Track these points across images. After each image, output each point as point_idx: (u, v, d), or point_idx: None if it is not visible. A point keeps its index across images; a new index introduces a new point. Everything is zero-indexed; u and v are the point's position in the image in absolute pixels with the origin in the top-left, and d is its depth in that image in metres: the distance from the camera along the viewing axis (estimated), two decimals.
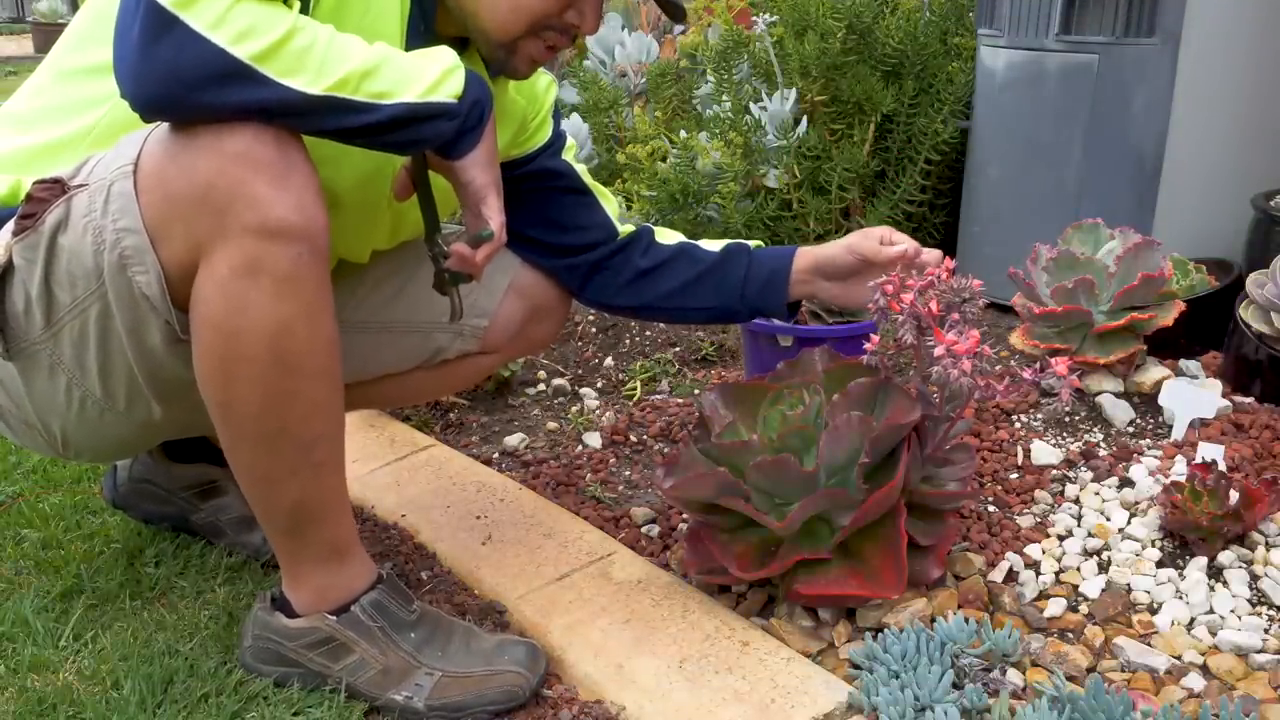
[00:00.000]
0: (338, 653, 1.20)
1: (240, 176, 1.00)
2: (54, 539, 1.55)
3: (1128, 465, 1.58)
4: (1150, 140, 2.13)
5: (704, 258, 1.48)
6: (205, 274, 1.03)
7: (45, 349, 1.13)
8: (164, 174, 1.02)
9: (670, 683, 1.20)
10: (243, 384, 1.06)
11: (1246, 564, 1.35)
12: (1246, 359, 1.80)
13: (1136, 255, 1.74)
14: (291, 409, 1.08)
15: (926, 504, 1.32)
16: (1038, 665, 1.21)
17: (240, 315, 1.03)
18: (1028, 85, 2.26)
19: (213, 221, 1.01)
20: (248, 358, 1.05)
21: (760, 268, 1.45)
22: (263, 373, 1.06)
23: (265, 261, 1.02)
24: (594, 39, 3.00)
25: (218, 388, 1.07)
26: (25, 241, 1.08)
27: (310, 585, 1.20)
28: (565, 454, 1.83)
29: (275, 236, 1.02)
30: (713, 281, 1.46)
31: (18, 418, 1.21)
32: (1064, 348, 1.78)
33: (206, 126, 1.00)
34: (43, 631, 1.33)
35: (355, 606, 1.20)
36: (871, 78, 2.46)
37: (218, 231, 1.01)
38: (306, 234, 1.04)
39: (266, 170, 1.01)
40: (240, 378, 1.06)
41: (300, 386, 1.08)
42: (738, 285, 1.45)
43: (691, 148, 2.50)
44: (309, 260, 1.04)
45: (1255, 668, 1.19)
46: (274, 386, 1.07)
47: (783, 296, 1.45)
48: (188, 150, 1.01)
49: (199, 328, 1.06)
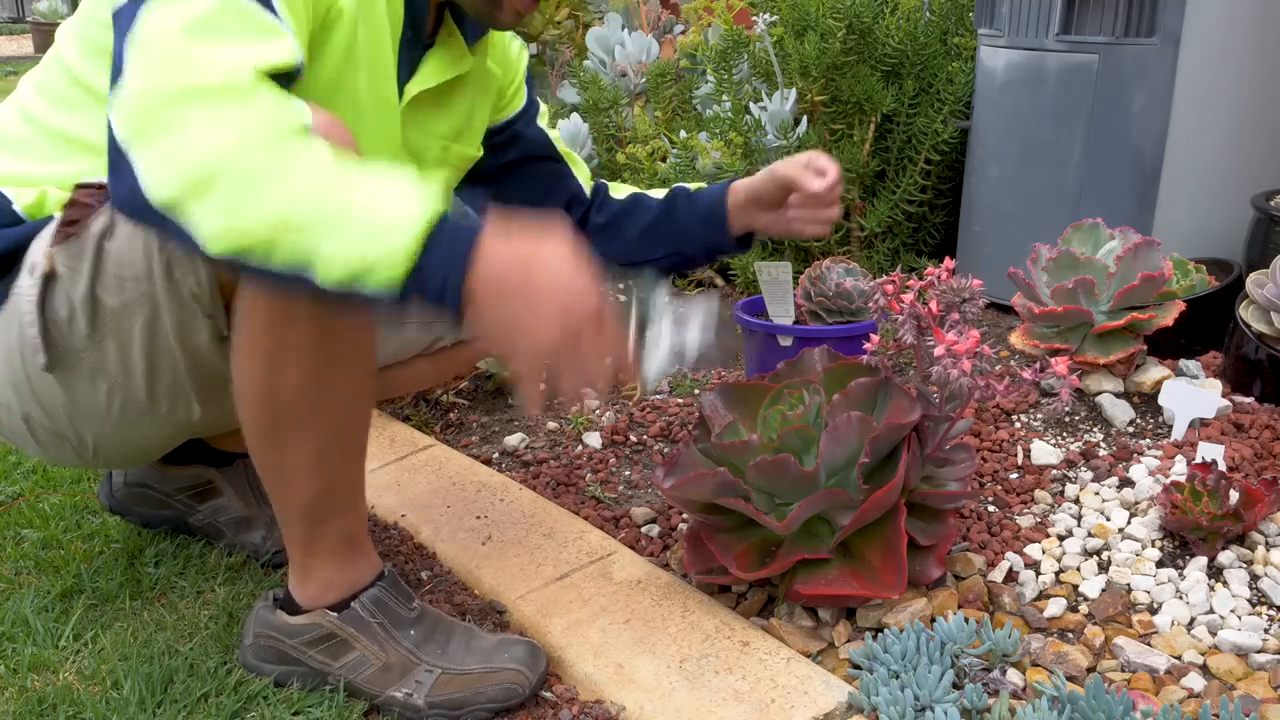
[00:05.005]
0: (338, 650, 1.20)
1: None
2: (54, 539, 1.55)
3: (1128, 465, 1.58)
4: (1150, 140, 2.13)
5: (651, 206, 1.51)
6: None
7: (88, 357, 1.13)
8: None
9: (670, 683, 1.20)
10: (290, 372, 1.07)
11: (1246, 564, 1.35)
12: (1246, 359, 1.80)
13: (1136, 255, 1.74)
14: (332, 398, 1.10)
15: (926, 504, 1.32)
16: (1038, 665, 1.21)
17: (294, 305, 1.04)
18: (1028, 85, 2.26)
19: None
20: (296, 346, 1.06)
21: (698, 208, 1.48)
22: (309, 362, 1.07)
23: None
24: (594, 39, 3.00)
25: (262, 376, 1.08)
26: (69, 249, 1.08)
27: (320, 578, 1.20)
28: (565, 454, 1.83)
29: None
30: (664, 229, 1.50)
31: (48, 430, 1.20)
32: (1064, 348, 1.78)
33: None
34: (43, 631, 1.33)
35: (355, 603, 1.20)
36: (871, 78, 2.46)
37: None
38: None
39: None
40: (288, 365, 1.07)
41: (342, 376, 1.10)
42: (683, 227, 1.49)
43: (691, 148, 2.50)
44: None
45: (1255, 668, 1.20)
46: (318, 376, 1.08)
47: (725, 231, 1.48)
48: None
49: (250, 318, 1.06)
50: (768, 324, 1.85)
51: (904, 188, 2.48)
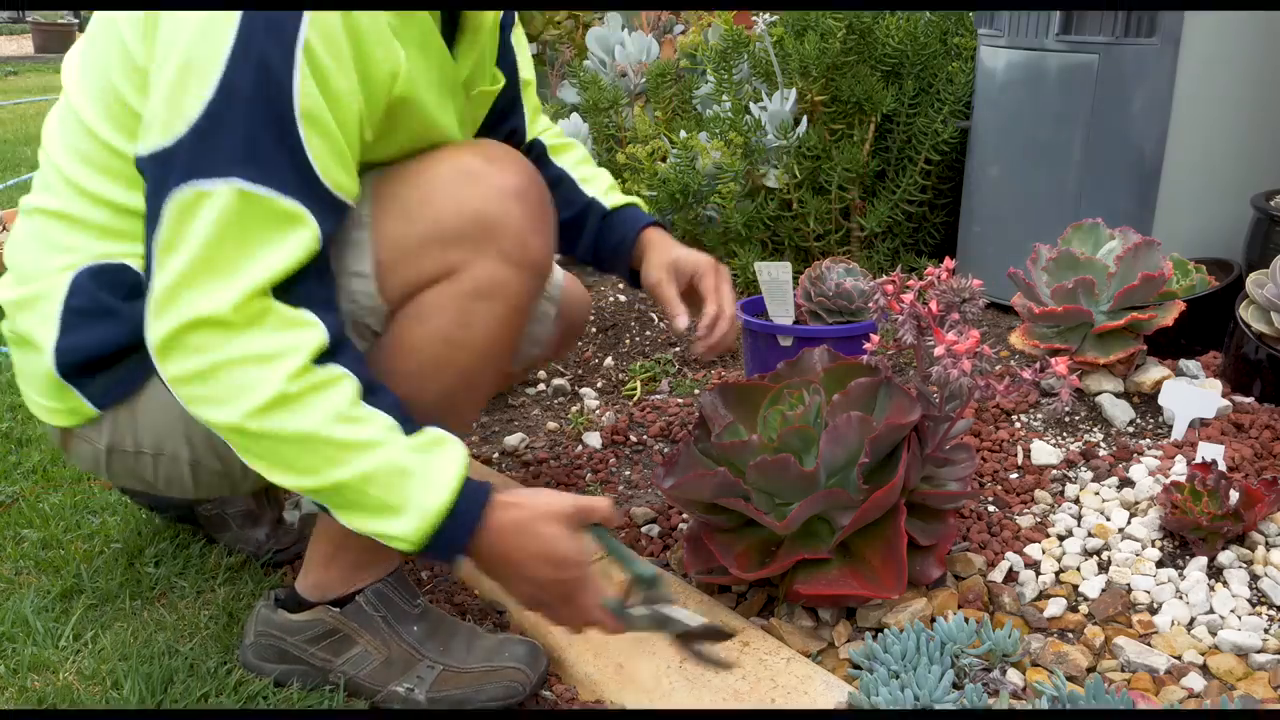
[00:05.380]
0: (340, 646, 1.21)
1: (510, 209, 1.10)
2: (54, 539, 1.55)
3: (1128, 465, 1.58)
4: (1150, 140, 2.13)
5: (573, 202, 1.47)
6: (445, 288, 1.10)
7: None
8: (427, 200, 1.09)
9: (670, 683, 1.20)
10: (430, 386, 1.10)
11: (1246, 564, 1.35)
12: (1246, 359, 1.80)
13: (1136, 255, 1.74)
14: (449, 414, 1.13)
15: (926, 504, 1.32)
16: (1038, 665, 1.21)
17: (464, 329, 1.11)
18: (1028, 85, 2.26)
19: (472, 245, 1.07)
20: (446, 365, 1.12)
21: (609, 236, 1.46)
22: (451, 381, 1.13)
23: (508, 287, 1.12)
24: (594, 39, 3.00)
25: (401, 382, 1.09)
26: None
27: (333, 573, 1.21)
28: (565, 454, 1.83)
29: (524, 268, 1.12)
30: (572, 232, 1.48)
31: (214, 471, 1.20)
32: (1064, 348, 1.78)
33: (480, 160, 1.11)
34: (43, 631, 1.33)
35: (360, 596, 1.20)
36: (871, 78, 2.46)
37: (474, 253, 1.08)
38: (543, 273, 1.16)
39: (533, 207, 1.12)
40: (430, 380, 1.11)
41: (466, 397, 1.18)
42: (590, 244, 1.47)
43: (691, 148, 2.50)
44: (533, 295, 1.16)
45: (1255, 667, 1.20)
46: (452, 396, 1.14)
47: (625, 269, 1.46)
48: (456, 180, 1.08)
49: (415, 328, 1.11)
50: (768, 324, 1.85)
51: (904, 188, 2.48)
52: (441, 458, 1.02)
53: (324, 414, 0.97)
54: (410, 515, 0.99)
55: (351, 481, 0.98)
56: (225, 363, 0.96)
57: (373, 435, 0.99)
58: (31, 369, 1.16)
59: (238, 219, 0.95)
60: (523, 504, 1.05)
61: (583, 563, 1.05)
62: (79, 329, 1.11)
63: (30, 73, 7.24)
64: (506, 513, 1.04)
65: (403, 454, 0.99)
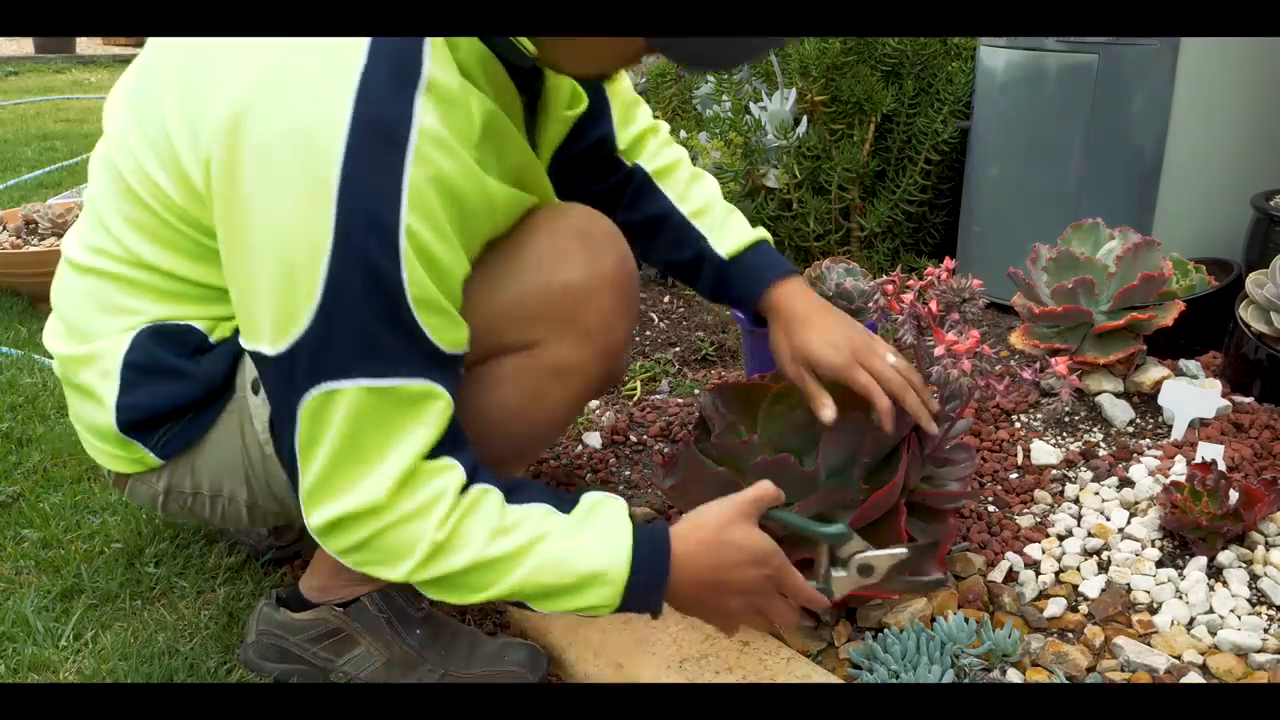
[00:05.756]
0: (342, 646, 1.21)
1: (600, 294, 1.10)
2: (54, 539, 1.55)
3: (1128, 465, 1.58)
4: (1150, 140, 2.13)
5: (683, 243, 1.34)
6: (523, 361, 1.10)
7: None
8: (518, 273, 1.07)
9: (670, 681, 1.20)
10: (488, 447, 1.07)
11: (1246, 564, 1.35)
12: (1246, 359, 1.80)
13: (1136, 255, 1.74)
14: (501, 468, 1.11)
15: (926, 504, 1.32)
16: (1038, 665, 1.21)
17: (535, 401, 1.12)
18: (1028, 85, 2.26)
19: (558, 325, 1.06)
20: (510, 433, 1.13)
21: (728, 289, 1.35)
22: (510, 447, 1.15)
23: (586, 369, 1.13)
24: None
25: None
26: None
27: (341, 576, 1.21)
28: (565, 454, 1.83)
29: (603, 352, 1.12)
30: (687, 273, 1.38)
31: (270, 511, 1.19)
32: (1064, 348, 1.78)
33: (574, 240, 1.09)
34: (43, 631, 1.33)
35: (365, 597, 1.20)
36: (871, 78, 2.46)
37: (558, 333, 1.07)
38: (619, 356, 1.16)
39: (622, 292, 1.12)
40: (491, 442, 1.09)
41: (517, 461, 1.21)
42: (709, 292, 1.38)
43: (692, 148, 2.50)
44: (608, 375, 1.18)
45: (1255, 667, 1.19)
46: (504, 459, 1.14)
47: (751, 318, 1.38)
48: (549, 257, 1.06)
49: (486, 393, 1.10)
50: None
51: (904, 188, 2.48)
52: (604, 520, 1.00)
53: (481, 539, 0.96)
54: (597, 586, 0.98)
55: (529, 581, 0.97)
56: (382, 531, 0.95)
57: (532, 533, 0.97)
58: (90, 418, 1.14)
59: (373, 412, 0.93)
60: (701, 524, 1.03)
61: (779, 549, 1.04)
62: (140, 387, 1.09)
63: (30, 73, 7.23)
64: (690, 539, 1.02)
65: (567, 536, 0.98)
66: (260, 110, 0.90)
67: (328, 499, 0.95)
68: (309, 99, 0.89)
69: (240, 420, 1.11)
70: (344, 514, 0.95)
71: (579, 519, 1.00)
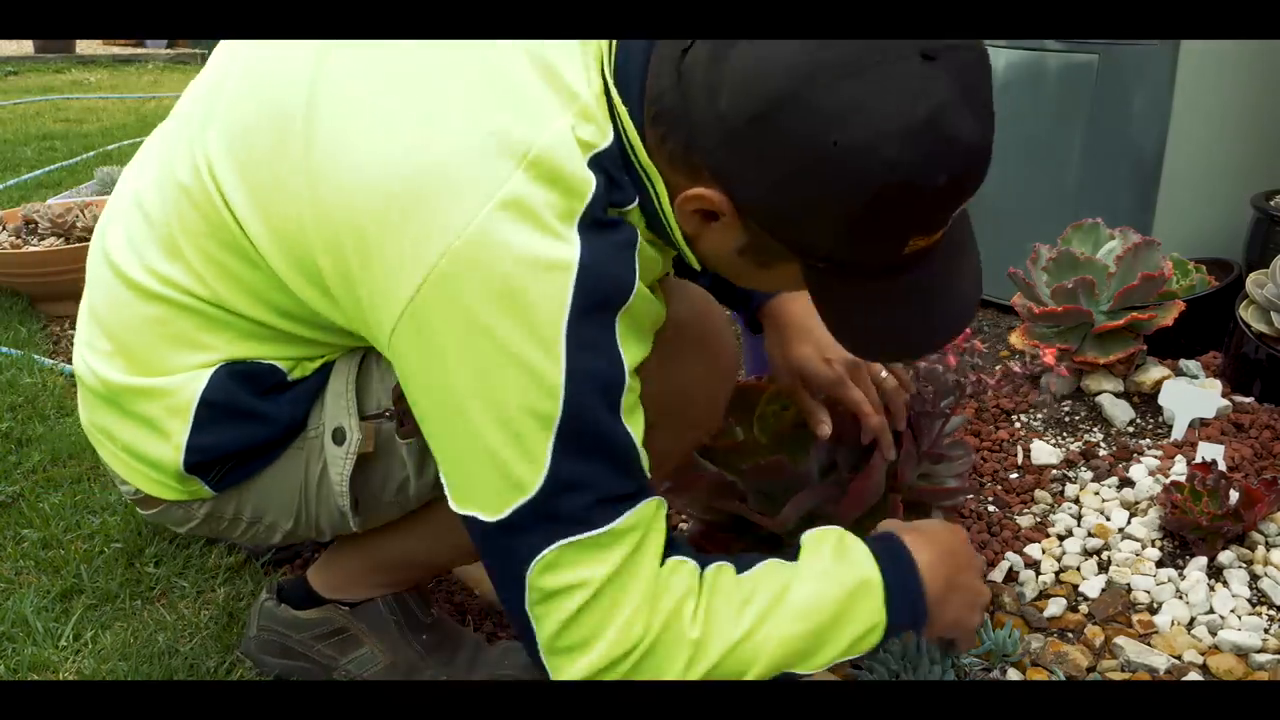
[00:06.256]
0: (346, 645, 1.20)
1: (713, 392, 1.14)
2: (54, 539, 1.55)
3: (1128, 465, 1.58)
4: (1150, 140, 2.13)
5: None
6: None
7: (391, 505, 1.12)
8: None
9: None
10: None
11: (1246, 564, 1.35)
12: (1246, 359, 1.80)
13: (1136, 255, 1.74)
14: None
15: (924, 501, 1.32)
16: (1038, 665, 1.21)
17: None
18: (1028, 85, 2.26)
19: (667, 417, 0.99)
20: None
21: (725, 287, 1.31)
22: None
23: (682, 444, 1.16)
24: None
25: None
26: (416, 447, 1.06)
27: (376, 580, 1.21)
28: None
29: (702, 433, 1.18)
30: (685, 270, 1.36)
31: (306, 538, 1.17)
32: (1064, 348, 1.78)
33: (692, 345, 1.08)
34: (43, 631, 1.33)
35: (379, 599, 1.20)
36: None
37: (666, 419, 0.98)
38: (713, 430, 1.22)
39: (728, 384, 1.17)
40: None
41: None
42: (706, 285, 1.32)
43: None
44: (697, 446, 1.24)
45: (1255, 667, 1.19)
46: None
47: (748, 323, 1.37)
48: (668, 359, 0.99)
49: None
50: None
51: None
52: (831, 540, 0.98)
53: (730, 617, 0.91)
54: (863, 599, 0.94)
55: (792, 632, 0.92)
56: (645, 655, 0.89)
57: (777, 586, 0.93)
58: (147, 450, 1.06)
59: (611, 546, 0.88)
60: (918, 529, 1.03)
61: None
62: (214, 426, 1.02)
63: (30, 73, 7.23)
64: (920, 540, 1.01)
65: (810, 569, 0.95)
66: (470, 270, 0.83)
67: (580, 652, 0.88)
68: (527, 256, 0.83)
69: (306, 459, 1.07)
70: (606, 662, 0.88)
71: (810, 552, 0.96)
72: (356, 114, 0.88)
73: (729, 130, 0.81)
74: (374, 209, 0.86)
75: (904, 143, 0.78)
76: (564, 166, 0.84)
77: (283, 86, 0.92)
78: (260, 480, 1.08)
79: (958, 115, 0.79)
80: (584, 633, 0.88)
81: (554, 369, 0.83)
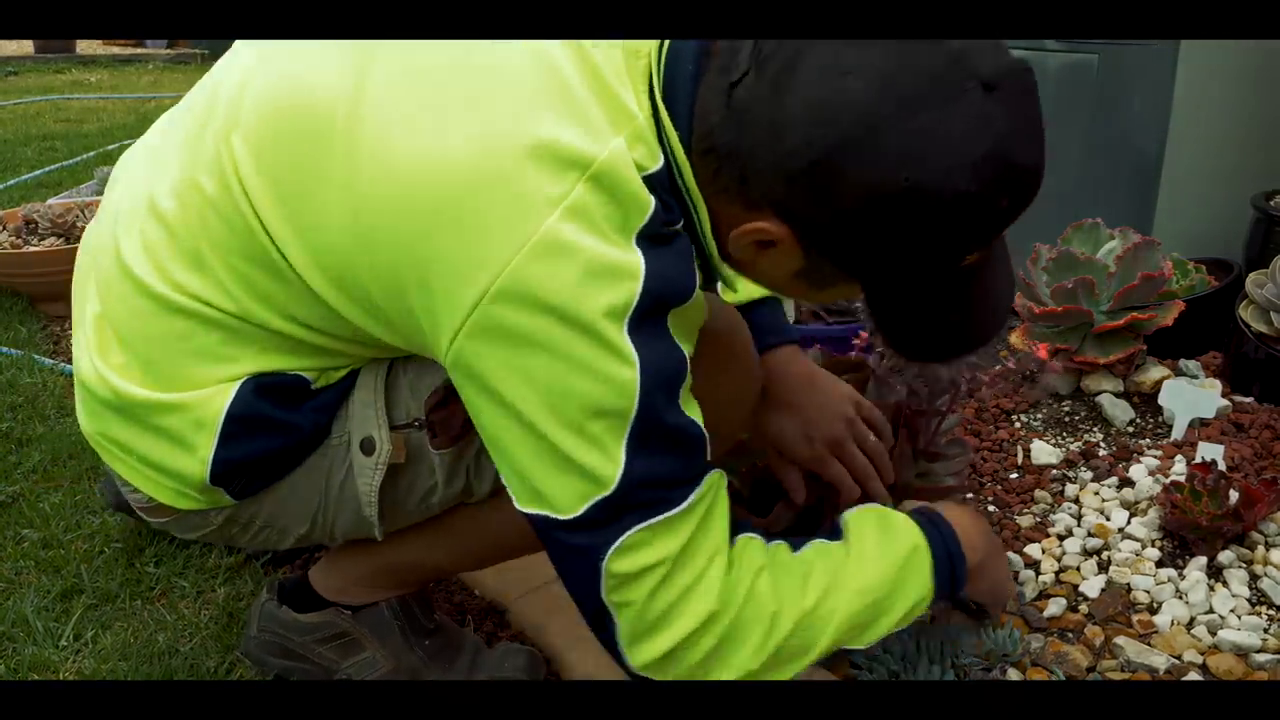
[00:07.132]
0: (348, 649, 1.20)
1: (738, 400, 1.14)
2: (54, 539, 1.55)
3: (1128, 465, 1.58)
4: (1150, 140, 2.13)
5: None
6: None
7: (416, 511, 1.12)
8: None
9: None
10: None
11: (1246, 564, 1.35)
12: (1246, 359, 1.80)
13: (1136, 255, 1.74)
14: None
15: (921, 500, 1.32)
16: (1038, 665, 1.21)
17: None
18: None
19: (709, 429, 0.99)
20: None
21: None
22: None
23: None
24: None
25: None
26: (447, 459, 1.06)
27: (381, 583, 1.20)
28: None
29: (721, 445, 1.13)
30: None
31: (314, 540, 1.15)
32: (1064, 348, 1.78)
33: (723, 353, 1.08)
34: (43, 631, 1.33)
35: (384, 603, 1.20)
36: None
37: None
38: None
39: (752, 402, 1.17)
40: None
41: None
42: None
43: None
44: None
45: (1255, 667, 1.20)
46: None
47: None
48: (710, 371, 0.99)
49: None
50: None
51: None
52: (872, 515, 1.02)
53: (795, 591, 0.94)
54: (916, 562, 0.99)
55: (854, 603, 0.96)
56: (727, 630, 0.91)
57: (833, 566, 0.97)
58: (169, 463, 1.03)
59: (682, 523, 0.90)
60: (949, 506, 1.09)
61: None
62: (240, 441, 1.01)
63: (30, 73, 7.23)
64: (952, 509, 1.08)
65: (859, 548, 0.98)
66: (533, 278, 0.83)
67: (660, 631, 0.90)
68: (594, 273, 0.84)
69: (328, 466, 1.06)
70: (682, 639, 0.90)
71: (856, 530, 1.00)
72: (404, 123, 0.86)
73: (795, 170, 0.82)
74: (430, 216, 0.84)
75: (972, 175, 0.80)
76: (626, 184, 0.85)
77: (320, 95, 0.89)
78: (281, 487, 1.08)
79: (1019, 144, 0.83)
80: (663, 607, 0.89)
81: (625, 368, 0.84)
